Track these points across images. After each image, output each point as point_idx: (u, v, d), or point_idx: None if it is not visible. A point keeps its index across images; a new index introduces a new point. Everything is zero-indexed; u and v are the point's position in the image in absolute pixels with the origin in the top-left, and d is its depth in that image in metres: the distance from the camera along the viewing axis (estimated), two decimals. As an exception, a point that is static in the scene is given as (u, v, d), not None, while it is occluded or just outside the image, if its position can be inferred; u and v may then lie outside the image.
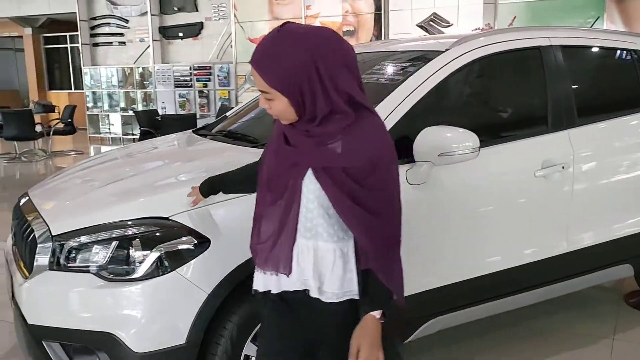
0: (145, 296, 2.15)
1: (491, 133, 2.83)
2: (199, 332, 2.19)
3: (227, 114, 3.77)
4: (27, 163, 10.35)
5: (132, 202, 2.38)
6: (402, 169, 2.55)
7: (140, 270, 2.16)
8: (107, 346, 2.15)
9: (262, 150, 1.85)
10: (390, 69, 2.98)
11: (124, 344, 2.12)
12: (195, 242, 2.20)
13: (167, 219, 2.24)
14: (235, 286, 2.23)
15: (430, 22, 9.51)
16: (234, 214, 2.29)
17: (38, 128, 10.55)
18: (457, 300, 2.79)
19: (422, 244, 2.62)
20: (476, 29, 8.53)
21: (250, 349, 2.31)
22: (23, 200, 2.83)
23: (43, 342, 2.26)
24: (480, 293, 2.83)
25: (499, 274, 2.82)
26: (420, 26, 9.55)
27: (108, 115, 13.25)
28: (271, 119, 1.71)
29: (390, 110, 2.59)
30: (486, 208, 2.80)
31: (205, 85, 11.90)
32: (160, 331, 2.16)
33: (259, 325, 2.28)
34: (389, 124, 2.56)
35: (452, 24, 9.28)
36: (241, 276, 2.23)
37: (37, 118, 11.27)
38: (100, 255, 2.22)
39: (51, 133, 11.03)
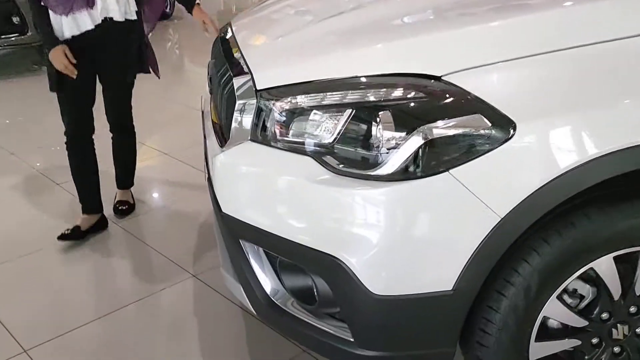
0: (395, 207, 1.28)
1: None
2: (478, 277, 1.30)
3: None
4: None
5: (377, 47, 1.46)
6: None
7: (391, 164, 1.27)
8: (329, 274, 1.37)
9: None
10: None
11: (354, 277, 1.32)
12: (489, 125, 1.24)
13: (439, 79, 1.28)
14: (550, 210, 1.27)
15: None
16: (551, 82, 1.26)
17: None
18: None
19: None
20: None
21: (553, 308, 1.38)
22: (225, 35, 2.05)
23: (241, 242, 1.57)
24: None
25: None
26: None
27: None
28: None
29: None
30: None
31: None
32: (413, 266, 1.31)
33: (575, 272, 1.37)
34: None
35: None
36: (562, 194, 1.25)
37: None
38: (324, 129, 1.37)
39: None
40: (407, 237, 1.29)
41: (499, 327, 1.37)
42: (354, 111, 1.33)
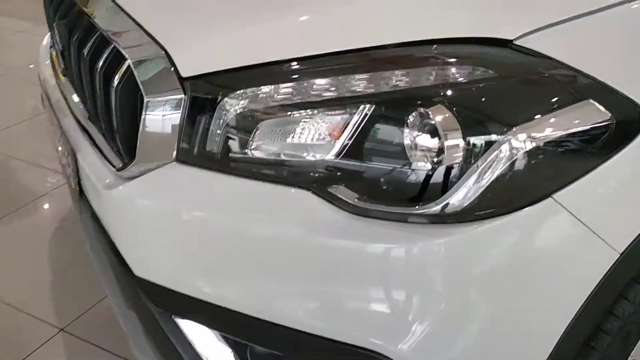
0: (471, 265, 0.78)
1: None
2: (576, 342, 0.87)
3: None
4: None
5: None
6: None
7: (459, 194, 0.77)
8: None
9: None
10: None
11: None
12: (608, 117, 0.78)
13: (510, 44, 0.79)
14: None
15: None
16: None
17: None
18: None
19: None
20: None
21: (642, 350, 1.02)
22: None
23: (176, 321, 0.97)
24: None
25: None
26: None
27: None
28: None
29: None
30: None
31: None
32: (497, 350, 0.84)
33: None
34: None
35: None
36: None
37: None
38: (317, 135, 0.82)
39: None
40: (490, 310, 0.80)
41: (584, 389, 0.98)
42: (373, 107, 0.79)
